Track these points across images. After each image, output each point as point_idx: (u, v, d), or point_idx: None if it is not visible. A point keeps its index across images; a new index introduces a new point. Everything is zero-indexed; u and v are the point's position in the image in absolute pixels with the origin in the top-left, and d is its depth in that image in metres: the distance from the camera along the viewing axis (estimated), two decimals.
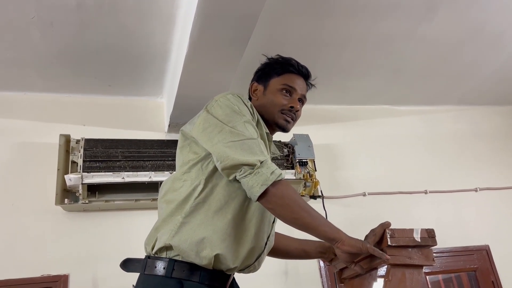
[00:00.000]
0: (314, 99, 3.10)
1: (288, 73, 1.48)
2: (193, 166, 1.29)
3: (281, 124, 1.44)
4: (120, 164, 2.32)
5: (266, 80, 1.49)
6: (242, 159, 1.18)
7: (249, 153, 1.19)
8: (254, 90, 1.52)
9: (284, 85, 1.45)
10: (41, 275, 2.18)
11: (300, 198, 1.24)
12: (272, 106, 1.43)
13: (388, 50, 2.65)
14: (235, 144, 1.20)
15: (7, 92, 2.54)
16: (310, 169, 2.65)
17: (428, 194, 3.04)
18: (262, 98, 1.47)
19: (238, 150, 1.19)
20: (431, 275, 2.87)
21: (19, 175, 2.37)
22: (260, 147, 1.23)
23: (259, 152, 1.21)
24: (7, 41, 2.17)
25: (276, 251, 1.60)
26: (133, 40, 2.25)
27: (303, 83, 1.52)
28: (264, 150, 1.24)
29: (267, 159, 1.21)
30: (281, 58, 1.53)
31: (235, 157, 1.18)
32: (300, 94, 1.48)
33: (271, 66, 1.51)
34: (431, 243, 1.25)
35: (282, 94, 1.44)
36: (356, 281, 1.50)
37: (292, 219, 1.24)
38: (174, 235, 1.20)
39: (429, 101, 3.37)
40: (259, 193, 1.16)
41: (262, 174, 1.17)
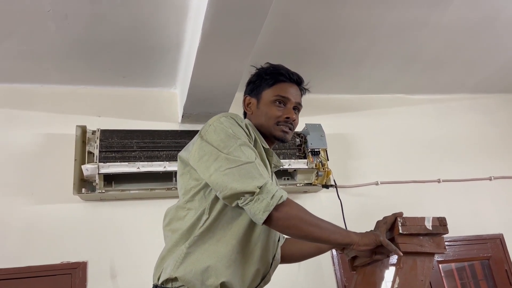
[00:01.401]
0: (326, 88, 3.11)
1: (279, 83, 1.44)
2: (196, 194, 1.28)
3: (278, 136, 1.41)
4: (135, 154, 2.37)
5: (258, 93, 1.45)
6: (241, 187, 1.15)
7: (247, 179, 1.17)
8: (248, 104, 1.48)
9: (277, 96, 1.41)
10: (60, 262, 2.25)
11: (305, 213, 1.23)
12: (268, 119, 1.40)
13: (401, 38, 2.63)
14: (232, 171, 1.18)
15: (25, 85, 2.59)
16: (322, 159, 2.67)
17: (441, 183, 3.03)
18: (256, 112, 1.44)
19: (236, 178, 1.17)
20: (444, 263, 2.88)
21: (38, 166, 2.43)
22: (258, 170, 1.20)
23: (258, 175, 1.18)
24: (24, 34, 2.21)
25: (291, 258, 1.62)
26: (146, 32, 2.27)
27: (296, 90, 1.48)
28: (264, 172, 1.22)
29: (267, 181, 1.18)
30: (271, 68, 1.48)
31: (233, 186, 1.16)
32: (295, 102, 1.44)
33: (262, 77, 1.46)
34: (443, 231, 1.27)
35: (276, 105, 1.40)
36: (368, 269, 1.51)
37: (302, 237, 1.26)
38: (179, 266, 1.20)
39: (443, 90, 3.35)
40: (263, 220, 1.15)
41: (263, 200, 1.15)
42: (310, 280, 2.53)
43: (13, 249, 2.22)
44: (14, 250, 2.22)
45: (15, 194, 2.34)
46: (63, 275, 2.22)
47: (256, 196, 1.15)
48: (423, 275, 1.23)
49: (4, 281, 2.14)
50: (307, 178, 2.67)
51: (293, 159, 2.61)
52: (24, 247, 2.24)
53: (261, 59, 2.56)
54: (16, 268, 2.17)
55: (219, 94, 2.47)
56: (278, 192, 1.18)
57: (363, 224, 1.75)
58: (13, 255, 2.20)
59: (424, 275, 1.23)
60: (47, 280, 2.19)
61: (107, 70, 2.57)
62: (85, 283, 2.22)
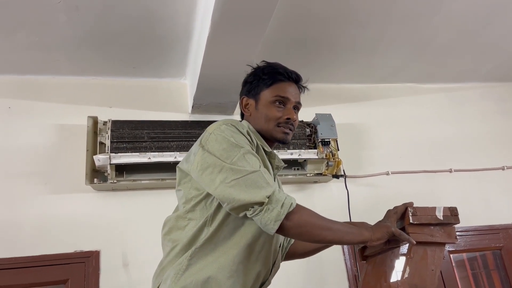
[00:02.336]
0: (337, 77, 3.09)
1: (278, 83, 1.40)
2: (197, 204, 1.26)
3: (280, 138, 1.39)
4: (146, 145, 2.38)
5: (257, 93, 1.41)
6: (249, 199, 1.14)
7: (254, 189, 1.15)
8: (245, 105, 1.44)
9: (276, 96, 1.38)
10: (74, 251, 2.28)
11: (316, 218, 1.22)
12: (268, 121, 1.37)
13: (413, 26, 2.60)
14: (238, 182, 1.16)
15: (37, 76, 2.62)
16: (332, 149, 2.66)
17: (453, 173, 3.01)
18: (255, 113, 1.40)
19: (243, 189, 1.15)
20: (456, 253, 2.87)
21: (50, 156, 2.46)
22: (264, 178, 1.18)
23: (265, 184, 1.16)
24: (35, 26, 2.23)
25: (293, 255, 1.62)
26: (156, 22, 2.27)
27: (295, 89, 1.45)
28: (270, 179, 1.20)
29: (274, 190, 1.17)
30: (268, 67, 1.44)
31: (241, 198, 1.14)
32: (294, 102, 1.41)
33: (259, 77, 1.42)
34: (454, 221, 1.26)
35: (276, 106, 1.37)
36: (378, 258, 1.52)
37: (315, 241, 1.28)
38: (179, 277, 1.19)
39: (455, 78, 3.30)
40: (275, 229, 1.14)
41: (273, 210, 1.14)
42: (320, 270, 2.54)
43: (28, 238, 2.26)
44: (29, 239, 2.26)
45: (29, 184, 2.38)
46: (77, 263, 2.26)
47: (266, 206, 1.14)
48: (433, 264, 1.23)
49: (19, 269, 2.19)
50: (317, 168, 2.67)
51: (303, 149, 2.60)
52: (38, 236, 2.28)
53: (271, 48, 2.57)
54: (31, 257, 2.21)
55: (229, 84, 2.46)
56: (287, 199, 1.17)
57: (373, 214, 1.75)
58: (28, 244, 2.25)
59: (435, 264, 1.23)
60: (61, 269, 2.23)
61: (118, 61, 2.58)
62: (98, 271, 2.25)
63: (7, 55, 2.42)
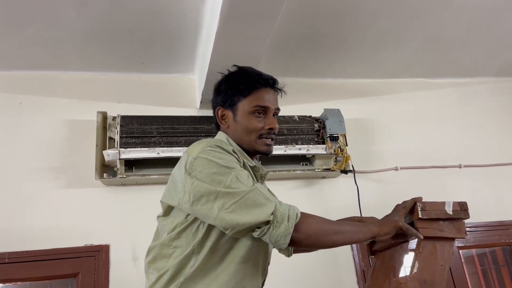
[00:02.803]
0: (345, 73, 3.07)
1: (255, 91, 1.33)
2: (182, 231, 1.21)
3: (262, 150, 1.34)
4: (155, 140, 2.39)
5: (233, 104, 1.34)
6: (254, 220, 1.11)
7: (256, 208, 1.12)
8: (222, 116, 1.37)
9: (256, 106, 1.31)
10: (84, 244, 2.31)
11: (323, 223, 1.20)
12: (248, 133, 1.31)
13: (423, 20, 2.57)
14: (238, 205, 1.12)
15: (47, 72, 2.63)
16: (341, 144, 2.65)
17: (462, 169, 2.98)
18: (234, 125, 1.34)
19: (244, 211, 1.11)
20: (465, 249, 2.85)
21: (60, 151, 2.48)
22: (262, 194, 1.15)
23: (265, 200, 1.14)
24: (45, 22, 2.24)
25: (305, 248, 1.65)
26: (164, 18, 2.28)
27: (273, 95, 1.38)
28: (267, 193, 1.18)
29: (275, 203, 1.15)
30: (242, 74, 1.37)
31: (245, 222, 1.11)
32: (274, 109, 1.36)
33: (235, 87, 1.34)
34: (464, 216, 1.26)
35: (255, 116, 1.31)
36: (387, 253, 1.52)
37: (326, 247, 1.26)
38: None
39: (466, 73, 3.27)
40: (286, 244, 1.12)
41: (280, 225, 1.12)
42: (328, 265, 2.54)
43: (39, 232, 2.29)
44: (40, 233, 2.29)
45: (40, 179, 2.40)
46: (87, 257, 2.28)
47: (272, 224, 1.12)
48: (443, 260, 1.23)
49: (31, 263, 2.22)
50: (326, 164, 2.66)
51: (311, 144, 2.60)
52: (49, 230, 2.30)
53: (280, 42, 2.56)
54: (42, 250, 2.24)
55: None
56: (291, 211, 1.15)
57: (382, 210, 1.74)
58: (39, 238, 2.27)
59: (444, 260, 1.23)
60: (72, 262, 2.26)
61: (126, 56, 2.59)
62: (108, 265, 2.28)
63: (18, 51, 2.45)
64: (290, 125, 2.63)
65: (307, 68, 2.94)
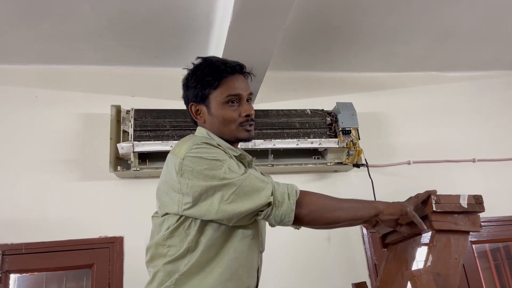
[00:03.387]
0: (358, 66, 3.06)
1: (224, 80, 1.30)
2: (175, 230, 1.21)
3: (244, 137, 1.32)
4: (168, 133, 2.41)
5: (205, 98, 1.31)
6: (255, 205, 1.12)
7: (255, 193, 1.13)
8: (197, 112, 1.35)
9: (228, 96, 1.29)
10: (99, 236, 2.34)
11: (324, 199, 1.21)
12: (227, 124, 1.30)
13: (436, 13, 2.54)
14: (237, 194, 1.13)
15: (62, 66, 2.67)
16: (353, 138, 2.64)
17: (476, 163, 2.96)
18: (210, 118, 1.32)
19: (244, 199, 1.12)
20: (478, 243, 2.83)
21: (75, 144, 2.52)
22: (257, 178, 1.16)
23: (262, 184, 1.15)
24: (60, 16, 2.26)
25: None
26: (178, 12, 2.29)
27: (243, 81, 1.35)
28: (261, 176, 1.19)
29: (273, 184, 1.16)
30: (207, 65, 1.33)
31: (247, 208, 1.12)
32: (247, 95, 1.33)
33: (203, 80, 1.31)
34: (479, 209, 1.25)
35: (229, 106, 1.29)
36: (400, 246, 1.52)
37: (329, 224, 1.25)
38: None
39: (480, 66, 3.23)
40: (291, 221, 1.14)
41: (282, 204, 1.13)
42: (340, 259, 2.55)
43: (54, 224, 2.33)
44: (56, 224, 2.33)
45: (55, 171, 2.44)
46: (101, 248, 2.32)
47: (274, 205, 1.13)
48: (457, 253, 1.22)
49: (47, 253, 2.26)
50: (338, 157, 2.66)
51: (323, 138, 2.60)
52: (64, 221, 2.34)
53: (292, 36, 2.55)
54: (58, 242, 2.28)
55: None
56: (289, 189, 1.16)
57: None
58: (55, 229, 2.31)
59: (459, 253, 1.22)
60: (87, 253, 2.30)
61: (140, 50, 2.61)
62: (122, 256, 2.31)
63: (33, 45, 2.48)
64: (302, 119, 2.63)
65: (319, 62, 2.93)
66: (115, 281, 2.26)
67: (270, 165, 2.54)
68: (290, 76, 2.99)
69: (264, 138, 2.51)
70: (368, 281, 2.48)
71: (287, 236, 2.29)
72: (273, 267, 1.57)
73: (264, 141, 2.50)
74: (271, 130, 2.55)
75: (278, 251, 2.32)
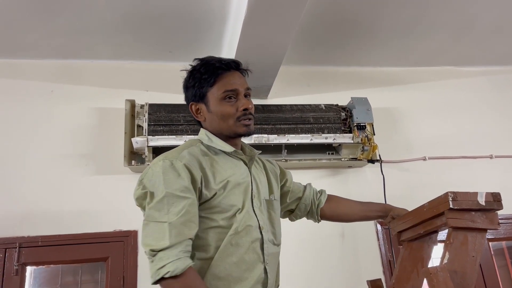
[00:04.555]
0: (374, 61, 3.02)
1: (220, 77, 1.34)
2: None
3: (243, 132, 1.35)
4: (182, 128, 2.42)
5: (203, 96, 1.35)
6: (146, 244, 1.17)
7: (153, 236, 1.17)
8: (197, 111, 1.39)
9: (224, 92, 1.32)
10: (113, 230, 2.37)
11: None
12: (226, 119, 1.33)
13: (454, 6, 2.49)
14: (147, 224, 1.20)
15: (77, 60, 2.70)
16: (368, 133, 2.62)
17: (493, 159, 2.90)
18: (209, 116, 1.36)
19: (147, 232, 1.19)
20: (495, 241, 2.79)
21: (90, 138, 2.54)
22: (166, 232, 1.15)
23: (160, 238, 1.15)
24: (75, 11, 2.28)
25: (337, 218, 1.67)
26: (191, 6, 2.28)
27: (240, 77, 1.38)
28: (177, 234, 1.15)
29: (165, 247, 1.13)
30: (203, 64, 1.37)
31: (143, 240, 1.19)
32: (244, 90, 1.36)
33: (200, 79, 1.35)
34: (497, 207, 1.23)
35: (227, 101, 1.33)
36: (415, 244, 1.50)
37: None
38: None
39: (499, 61, 3.16)
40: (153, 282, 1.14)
41: (155, 265, 1.13)
42: (354, 255, 2.54)
43: (70, 217, 2.36)
44: (71, 218, 2.36)
45: (71, 165, 2.47)
46: (116, 242, 2.34)
47: (152, 258, 1.14)
48: (474, 251, 1.21)
49: (63, 246, 2.29)
50: (352, 153, 2.64)
51: (338, 133, 2.57)
52: (80, 215, 2.37)
53: (307, 30, 2.53)
54: (73, 235, 2.31)
55: (264, 68, 2.46)
56: (170, 265, 1.11)
57: (408, 200, 1.73)
58: (70, 222, 2.34)
59: (476, 251, 1.21)
60: (102, 247, 2.32)
61: (154, 45, 2.62)
62: (136, 250, 2.33)
63: (49, 40, 2.50)
64: (316, 114, 2.61)
65: (334, 56, 2.90)
66: (129, 274, 2.29)
67: (283, 160, 2.53)
68: (305, 71, 2.97)
69: (278, 133, 2.50)
70: (383, 277, 2.46)
71: (301, 232, 2.29)
72: (286, 263, 1.56)
73: (277, 136, 2.49)
74: (285, 125, 2.54)
75: (292, 246, 2.31)
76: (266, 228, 1.35)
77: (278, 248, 1.40)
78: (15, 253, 2.23)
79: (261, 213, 1.35)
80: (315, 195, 1.65)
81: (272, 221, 1.40)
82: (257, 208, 1.34)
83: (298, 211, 1.64)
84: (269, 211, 1.42)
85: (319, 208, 1.64)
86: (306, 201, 1.63)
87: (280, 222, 1.47)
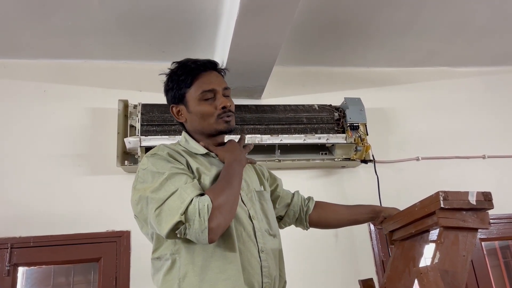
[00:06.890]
0: (367, 61, 3.03)
1: (197, 77, 1.36)
2: (157, 245, 1.27)
3: (223, 128, 1.36)
4: (175, 128, 2.41)
5: (182, 98, 1.37)
6: (170, 223, 1.12)
7: (172, 211, 1.14)
8: (178, 113, 1.41)
9: (202, 92, 1.34)
10: (106, 230, 2.35)
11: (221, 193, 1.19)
12: (205, 118, 1.35)
13: (448, 6, 2.50)
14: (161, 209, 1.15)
15: (70, 60, 2.68)
16: (361, 133, 2.62)
17: (486, 159, 2.92)
18: (190, 116, 1.38)
19: (165, 214, 1.14)
20: (487, 241, 2.80)
21: (83, 139, 2.53)
22: (181, 196, 1.14)
23: (179, 203, 1.13)
24: (68, 11, 2.27)
25: (325, 224, 1.67)
26: (185, 6, 2.28)
27: (217, 76, 1.41)
28: (190, 191, 1.15)
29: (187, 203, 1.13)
30: (180, 66, 1.40)
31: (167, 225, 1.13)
32: (222, 89, 1.37)
33: (177, 81, 1.38)
34: (488, 206, 1.23)
35: (205, 101, 1.34)
36: (407, 243, 1.50)
37: None
38: None
39: (493, 62, 3.18)
40: (206, 239, 1.11)
41: (194, 221, 1.11)
42: (347, 255, 2.54)
43: (62, 218, 2.34)
44: (64, 218, 2.34)
45: (63, 165, 2.46)
46: (109, 242, 2.33)
47: (187, 223, 1.11)
48: (465, 250, 1.21)
49: (55, 247, 2.28)
50: (346, 153, 2.64)
51: (331, 133, 2.58)
52: (72, 215, 2.36)
53: (300, 31, 2.53)
54: (65, 235, 2.30)
55: (257, 68, 2.46)
56: (200, 204, 1.12)
57: (401, 200, 1.73)
58: (62, 223, 2.33)
59: (466, 250, 1.21)
60: (95, 247, 2.31)
61: (147, 45, 2.61)
62: (129, 250, 2.32)
63: (42, 40, 2.49)
64: (310, 114, 2.61)
65: (328, 57, 2.91)
66: (122, 274, 2.28)
67: (277, 160, 2.53)
68: (298, 71, 2.97)
69: (271, 134, 2.50)
70: (375, 277, 2.47)
71: (294, 233, 2.28)
72: None
73: (271, 136, 2.49)
74: (278, 125, 2.54)
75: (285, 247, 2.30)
76: (259, 218, 1.36)
77: (275, 239, 1.40)
78: (6, 253, 2.21)
79: (251, 202, 1.36)
80: (303, 202, 1.66)
81: (265, 211, 1.41)
82: (246, 198, 1.35)
83: (287, 218, 1.64)
84: (261, 201, 1.42)
85: (308, 215, 1.64)
86: (295, 208, 1.63)
87: (274, 214, 1.49)
